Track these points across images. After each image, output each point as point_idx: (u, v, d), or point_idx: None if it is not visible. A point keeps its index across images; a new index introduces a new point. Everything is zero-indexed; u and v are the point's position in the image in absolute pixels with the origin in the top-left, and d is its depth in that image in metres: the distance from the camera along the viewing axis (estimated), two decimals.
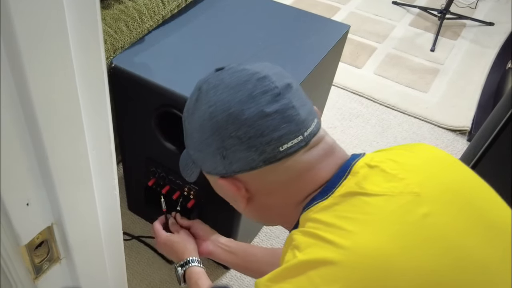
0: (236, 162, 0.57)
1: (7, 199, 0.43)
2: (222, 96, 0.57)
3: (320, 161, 0.57)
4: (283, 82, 0.57)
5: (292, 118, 0.56)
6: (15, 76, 0.38)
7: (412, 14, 2.56)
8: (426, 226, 0.49)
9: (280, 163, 0.56)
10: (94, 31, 0.43)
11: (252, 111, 0.55)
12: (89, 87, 0.46)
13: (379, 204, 0.51)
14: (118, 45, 1.14)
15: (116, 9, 1.16)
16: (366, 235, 0.48)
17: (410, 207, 0.50)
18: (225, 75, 0.59)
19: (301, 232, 0.54)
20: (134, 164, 1.23)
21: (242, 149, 0.56)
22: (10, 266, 0.50)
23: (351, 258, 0.47)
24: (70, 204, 0.51)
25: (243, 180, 0.60)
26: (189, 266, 0.88)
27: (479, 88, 2.05)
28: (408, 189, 0.52)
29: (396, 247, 0.47)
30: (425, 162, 0.58)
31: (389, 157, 0.58)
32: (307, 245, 0.51)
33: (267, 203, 0.62)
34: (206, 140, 0.59)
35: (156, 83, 0.97)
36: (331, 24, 1.23)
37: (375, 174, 0.54)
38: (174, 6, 1.24)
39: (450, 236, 0.49)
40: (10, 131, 0.40)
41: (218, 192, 0.69)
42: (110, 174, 0.57)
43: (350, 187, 0.54)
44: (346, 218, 0.51)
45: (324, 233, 0.51)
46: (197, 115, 0.60)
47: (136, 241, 1.34)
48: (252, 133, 0.55)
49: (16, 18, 0.35)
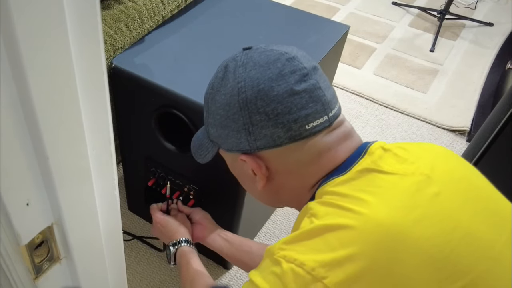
0: (262, 139, 0.58)
1: (7, 199, 0.43)
2: (251, 73, 0.58)
3: (339, 143, 0.59)
4: (311, 64, 0.60)
5: (319, 98, 0.58)
6: (15, 77, 0.38)
7: (412, 14, 2.56)
8: (436, 203, 0.52)
9: (303, 141, 0.58)
10: (94, 32, 0.43)
11: (282, 88, 0.56)
12: (89, 87, 0.46)
13: (393, 181, 0.54)
14: (118, 46, 1.14)
15: (116, 9, 1.16)
16: (382, 205, 0.51)
17: (422, 186, 0.53)
18: (254, 53, 0.60)
19: (318, 202, 0.56)
20: (134, 164, 1.23)
21: (269, 125, 0.57)
22: (10, 266, 0.50)
23: (368, 224, 0.49)
24: (70, 204, 0.51)
25: (265, 158, 0.61)
26: (181, 246, 0.89)
27: (478, 88, 2.06)
28: (419, 171, 0.55)
29: (409, 218, 0.50)
30: (432, 153, 0.60)
31: (399, 145, 0.60)
32: (325, 213, 0.53)
33: (284, 183, 0.63)
34: (232, 116, 0.59)
35: (156, 84, 0.97)
36: (330, 24, 1.24)
37: (388, 156, 0.57)
38: (174, 6, 1.24)
39: (458, 215, 0.52)
40: (10, 131, 0.40)
41: (235, 171, 0.69)
42: (110, 174, 0.57)
43: (367, 164, 0.56)
44: (363, 191, 0.53)
45: (342, 203, 0.53)
46: (223, 92, 0.60)
47: (136, 241, 1.34)
48: (280, 110, 0.56)
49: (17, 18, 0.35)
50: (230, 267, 1.31)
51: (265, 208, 1.42)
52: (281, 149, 0.59)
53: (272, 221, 1.45)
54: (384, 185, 0.53)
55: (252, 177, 0.63)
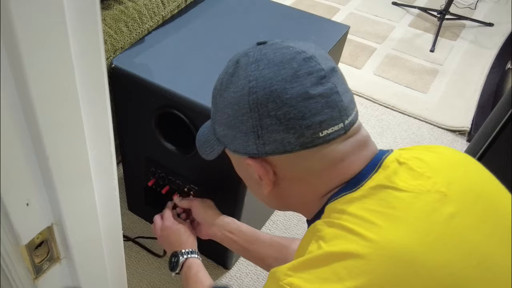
0: (271, 143, 0.54)
1: (7, 199, 0.43)
2: (264, 72, 0.53)
3: (354, 153, 0.55)
4: (329, 65, 0.55)
5: (336, 103, 0.53)
6: (15, 77, 0.38)
7: (412, 14, 2.56)
8: (452, 226, 0.49)
9: (316, 149, 0.54)
10: (94, 32, 0.43)
11: (296, 91, 0.52)
12: (89, 88, 0.46)
13: (407, 200, 0.50)
14: (118, 46, 1.14)
15: (116, 9, 1.16)
16: (394, 230, 0.48)
17: (437, 206, 0.50)
18: (268, 50, 0.56)
19: (327, 223, 0.53)
20: (134, 165, 1.23)
21: (280, 130, 0.53)
22: (10, 266, 0.50)
23: (378, 252, 0.47)
24: (70, 204, 0.51)
25: (272, 163, 0.57)
26: (191, 256, 0.88)
27: (478, 88, 2.06)
28: (435, 188, 0.52)
29: (422, 244, 0.47)
30: (448, 162, 0.57)
31: (415, 155, 0.56)
32: (333, 236, 0.50)
33: (292, 190, 0.59)
34: (241, 117, 0.55)
35: (156, 84, 0.97)
36: (330, 24, 1.24)
37: (403, 171, 0.54)
38: (174, 6, 1.24)
39: (474, 238, 0.49)
40: (10, 131, 0.40)
41: (240, 173, 0.66)
42: (110, 175, 0.57)
43: (380, 180, 0.53)
44: (375, 212, 0.50)
45: (351, 225, 0.50)
46: (232, 90, 0.56)
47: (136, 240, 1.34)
48: (292, 114, 0.52)
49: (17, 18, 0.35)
50: (230, 267, 1.31)
51: (265, 208, 1.42)
52: (291, 155, 0.55)
53: (272, 221, 1.45)
54: (397, 205, 0.50)
55: (258, 181, 0.60)
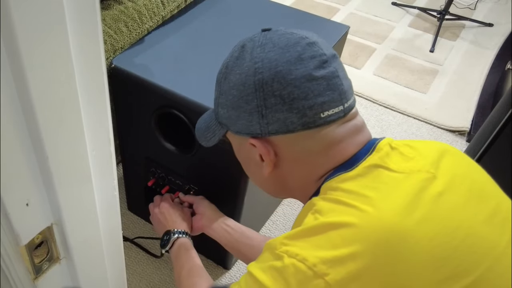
0: (274, 123, 0.57)
1: (7, 199, 0.43)
2: (269, 54, 0.56)
3: (350, 136, 0.58)
4: (330, 51, 0.58)
5: (337, 87, 0.56)
6: (15, 77, 0.38)
7: (412, 15, 2.56)
8: (440, 203, 0.52)
9: (316, 130, 0.57)
10: (94, 32, 0.43)
11: (300, 72, 0.55)
12: (89, 88, 0.46)
13: (398, 178, 0.54)
14: (118, 46, 1.14)
15: (116, 9, 1.16)
16: (386, 203, 0.51)
17: (426, 184, 0.53)
18: (273, 35, 0.58)
19: (323, 198, 0.55)
20: (134, 165, 1.23)
21: (284, 109, 0.56)
22: (10, 266, 0.50)
23: (372, 222, 0.49)
24: (70, 204, 0.51)
25: (274, 143, 0.59)
26: (183, 236, 0.90)
27: (478, 89, 2.06)
28: (425, 169, 0.55)
29: (412, 218, 0.49)
30: (438, 150, 0.60)
31: (406, 143, 0.60)
32: (329, 209, 0.53)
33: (291, 171, 0.61)
34: (246, 97, 0.57)
35: (155, 84, 0.97)
36: (330, 25, 1.24)
37: (395, 154, 0.57)
38: (174, 6, 1.24)
39: (460, 215, 0.52)
40: (10, 131, 0.40)
41: (240, 155, 0.68)
42: (110, 175, 0.57)
43: (374, 161, 0.56)
44: (368, 187, 0.53)
45: (346, 199, 0.52)
46: (238, 71, 0.59)
47: (136, 240, 1.34)
48: (296, 94, 0.55)
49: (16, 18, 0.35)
50: (230, 267, 1.31)
51: (265, 208, 1.42)
52: (292, 135, 0.57)
53: (272, 221, 1.45)
54: (389, 182, 0.53)
55: (258, 163, 0.62)
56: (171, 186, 1.16)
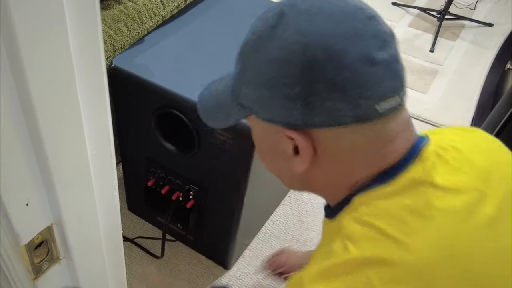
0: (321, 114, 0.45)
1: (7, 199, 0.43)
2: (321, 27, 0.44)
3: (402, 133, 0.48)
4: (389, 28, 0.48)
5: (396, 73, 0.47)
6: (15, 77, 0.38)
7: (411, 15, 2.56)
8: (491, 231, 0.46)
9: (370, 124, 0.46)
10: (93, 32, 0.43)
11: (359, 54, 0.44)
12: (88, 88, 0.46)
13: (446, 198, 0.46)
14: (118, 46, 1.14)
15: (116, 9, 1.16)
16: (429, 236, 0.44)
17: (475, 206, 0.46)
18: (321, 1, 0.47)
19: (355, 219, 0.47)
20: (134, 165, 1.23)
21: (334, 98, 0.44)
22: (10, 266, 0.50)
23: (414, 261, 0.43)
24: (70, 204, 0.51)
25: (314, 137, 0.48)
26: None
27: (478, 89, 2.06)
28: (473, 185, 0.47)
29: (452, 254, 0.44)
30: (487, 152, 0.52)
31: (453, 145, 0.51)
32: (362, 236, 0.45)
33: (326, 170, 0.51)
34: (287, 78, 0.45)
35: (156, 84, 0.97)
36: None
37: (441, 164, 0.48)
38: (174, 6, 1.24)
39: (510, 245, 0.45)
40: (10, 131, 0.40)
41: (263, 144, 0.55)
42: (109, 175, 0.57)
43: (418, 173, 0.47)
44: (411, 211, 0.45)
45: (383, 225, 0.44)
46: (276, 44, 0.46)
47: (136, 240, 1.34)
48: (353, 81, 0.44)
49: (16, 18, 0.35)
50: (230, 267, 1.31)
51: (265, 208, 1.42)
52: (339, 129, 0.46)
53: (272, 221, 1.44)
54: (436, 204, 0.45)
55: (289, 157, 0.50)
56: (171, 186, 1.16)
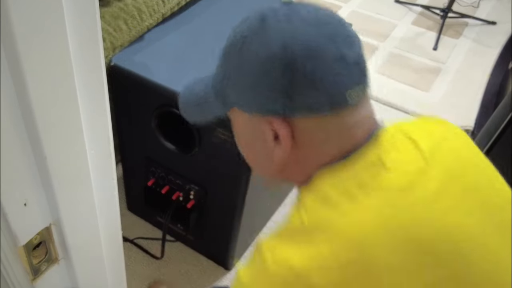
0: (301, 104, 0.53)
1: (5, 199, 0.43)
2: (300, 29, 0.53)
3: (364, 120, 0.57)
4: (354, 31, 0.58)
5: (363, 68, 0.56)
6: (14, 76, 0.38)
7: (414, 13, 2.55)
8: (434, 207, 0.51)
9: (341, 114, 0.54)
10: (93, 29, 0.43)
11: (333, 51, 0.53)
12: (88, 86, 0.46)
13: (391, 177, 0.53)
14: (118, 44, 1.13)
15: (115, 7, 1.16)
16: (370, 208, 0.51)
17: (418, 183, 0.52)
18: (300, 8, 0.56)
19: (309, 190, 0.56)
20: (134, 164, 1.23)
21: (312, 89, 0.52)
22: (8, 267, 0.50)
23: (351, 229, 0.49)
24: (68, 204, 0.50)
25: (294, 125, 0.55)
26: None
27: (481, 87, 2.05)
28: (418, 165, 0.54)
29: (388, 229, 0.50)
30: (435, 137, 0.59)
31: (406, 129, 0.59)
32: (313, 204, 0.53)
33: (300, 156, 0.58)
34: (271, 74, 0.53)
35: (156, 82, 0.96)
36: None
37: (391, 147, 0.56)
38: (174, 4, 1.23)
39: (452, 216, 0.51)
40: (8, 131, 0.40)
41: (243, 133, 0.62)
42: (109, 174, 0.57)
43: (371, 154, 0.55)
44: (359, 186, 0.52)
45: (333, 194, 0.53)
46: (260, 43, 0.54)
47: (136, 241, 1.34)
48: (328, 75, 0.52)
49: (15, 17, 0.34)
50: (230, 268, 1.31)
51: (267, 208, 1.41)
52: (316, 118, 0.54)
53: (272, 222, 1.44)
54: (383, 184, 0.52)
55: (268, 144, 0.57)
56: (171, 186, 1.16)
